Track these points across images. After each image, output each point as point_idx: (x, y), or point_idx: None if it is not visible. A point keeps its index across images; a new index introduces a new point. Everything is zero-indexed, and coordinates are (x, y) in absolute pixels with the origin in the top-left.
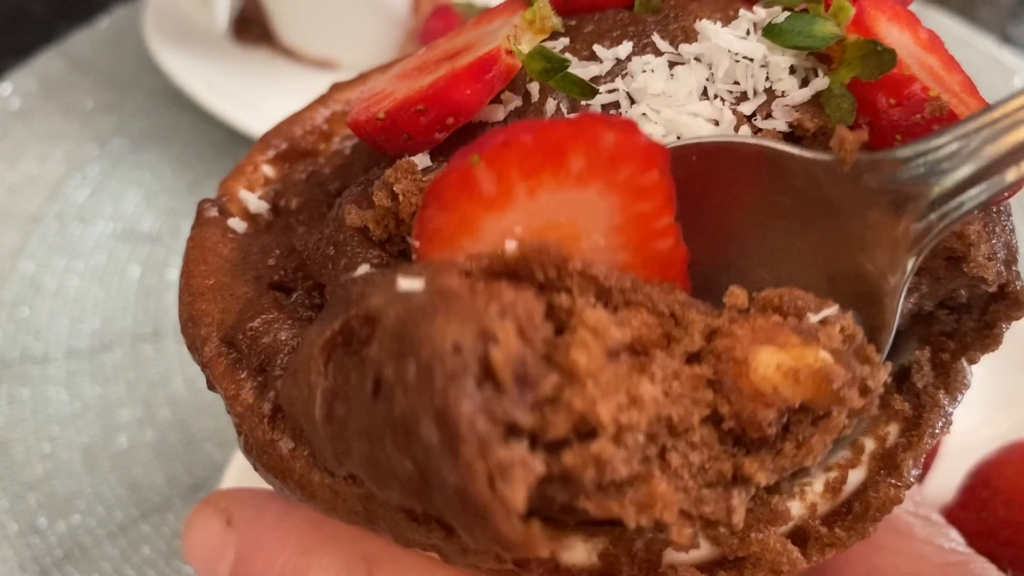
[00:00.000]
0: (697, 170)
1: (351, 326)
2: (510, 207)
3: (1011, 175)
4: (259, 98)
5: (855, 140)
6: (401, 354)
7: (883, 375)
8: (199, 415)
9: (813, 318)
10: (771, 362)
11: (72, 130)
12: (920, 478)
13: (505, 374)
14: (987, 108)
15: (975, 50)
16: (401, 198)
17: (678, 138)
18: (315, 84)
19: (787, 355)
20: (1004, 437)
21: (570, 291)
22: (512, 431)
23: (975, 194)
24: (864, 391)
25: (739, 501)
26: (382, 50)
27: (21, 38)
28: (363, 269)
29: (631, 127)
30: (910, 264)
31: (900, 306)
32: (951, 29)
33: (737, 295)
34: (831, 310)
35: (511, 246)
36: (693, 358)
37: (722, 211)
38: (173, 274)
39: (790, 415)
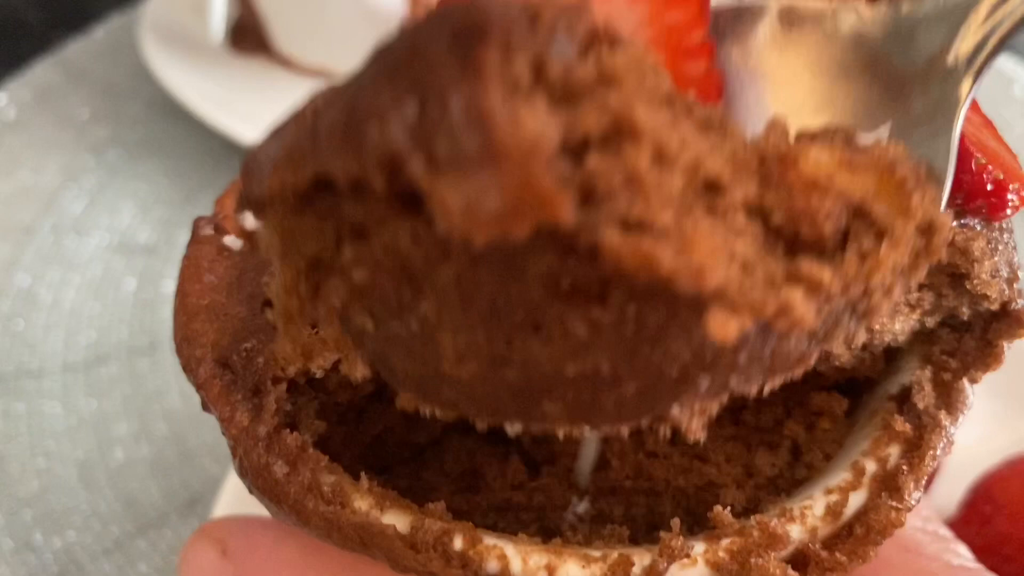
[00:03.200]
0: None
1: None
2: None
3: None
4: (256, 108)
5: None
6: None
7: (949, 221)
8: (195, 429)
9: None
10: (822, 154)
11: (67, 141)
12: (925, 488)
13: (547, 15)
14: None
15: None
16: None
17: None
18: None
19: (840, 150)
20: (1006, 451)
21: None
22: (539, 75)
23: None
24: (927, 230)
25: (801, 299)
26: None
27: (16, 48)
28: None
29: None
30: (965, 89)
31: (955, 148)
32: None
33: (778, 123)
34: (881, 138)
35: None
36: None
37: (751, 68)
38: (169, 286)
39: (849, 222)
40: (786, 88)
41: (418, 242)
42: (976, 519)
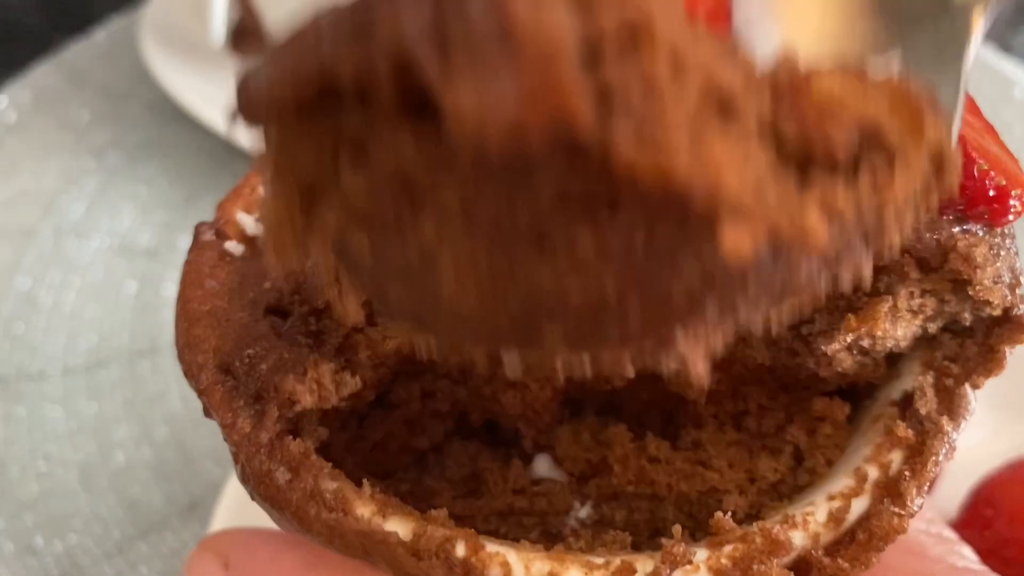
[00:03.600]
0: None
1: None
2: None
3: None
4: None
5: None
6: None
7: (959, 158)
8: (197, 432)
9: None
10: (834, 80)
11: (68, 143)
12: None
13: None
14: None
15: (974, 60)
16: None
17: None
18: None
19: (851, 78)
20: (1007, 454)
21: None
22: None
23: None
24: (938, 158)
25: (815, 216)
26: None
27: (16, 50)
28: None
29: None
30: (975, 22)
31: (965, 85)
32: None
33: (788, 54)
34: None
35: None
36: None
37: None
38: (170, 289)
39: (861, 146)
40: (795, 21)
41: (422, 154)
42: (977, 522)
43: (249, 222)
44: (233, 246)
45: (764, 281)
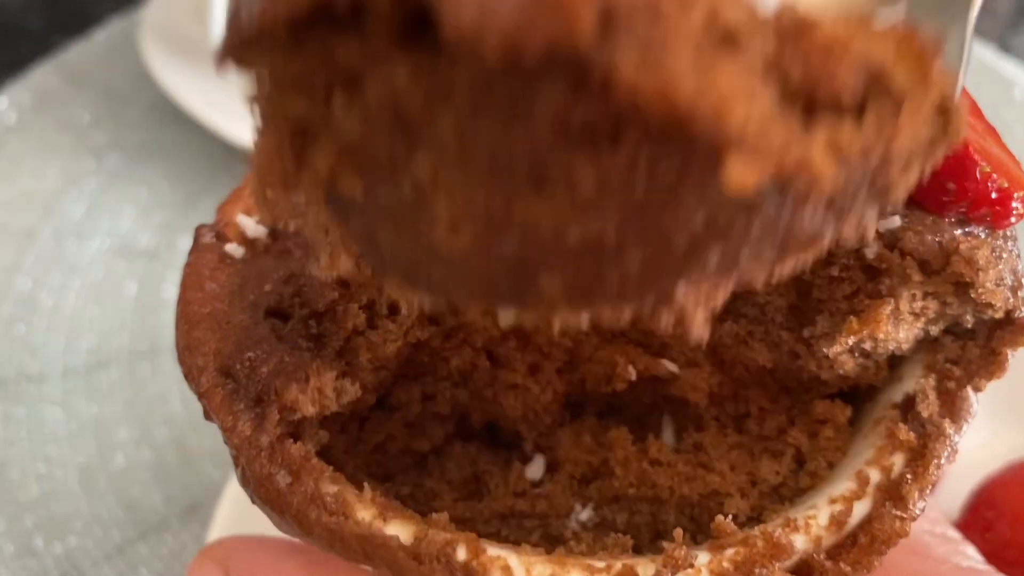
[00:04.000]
0: None
1: None
2: None
3: None
4: None
5: None
6: None
7: (965, 110)
8: (197, 434)
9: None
10: (839, 25)
11: (68, 144)
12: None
13: None
14: None
15: (973, 60)
16: None
17: None
18: None
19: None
20: (1008, 456)
21: None
22: None
23: None
24: (944, 109)
25: (821, 153)
26: None
27: (16, 51)
28: None
29: None
30: None
31: (970, 37)
32: None
33: (790, 4)
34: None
35: None
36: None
37: None
38: (170, 291)
39: (867, 90)
40: None
41: (418, 84)
42: (978, 524)
43: (250, 224)
44: (233, 248)
45: (767, 225)
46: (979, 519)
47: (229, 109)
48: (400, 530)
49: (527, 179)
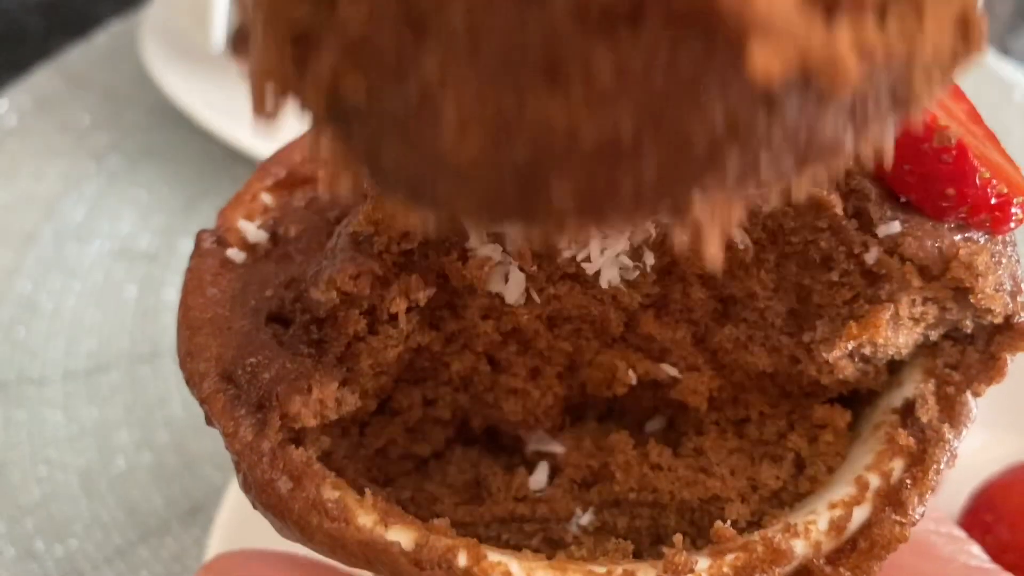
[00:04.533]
0: None
1: None
2: None
3: None
4: None
5: None
6: None
7: (984, 24)
8: (197, 437)
9: None
10: None
11: (68, 147)
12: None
13: None
14: None
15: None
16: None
17: None
18: None
19: None
20: (1008, 459)
21: None
22: None
23: None
24: (965, 21)
25: (846, 47)
26: None
27: (17, 54)
28: None
29: None
30: None
31: None
32: None
33: None
34: None
35: None
36: None
37: None
38: (170, 294)
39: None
40: None
41: None
42: (977, 527)
43: (251, 229)
44: (234, 253)
45: (787, 128)
46: (978, 522)
47: (229, 111)
48: (401, 536)
49: (541, 71)
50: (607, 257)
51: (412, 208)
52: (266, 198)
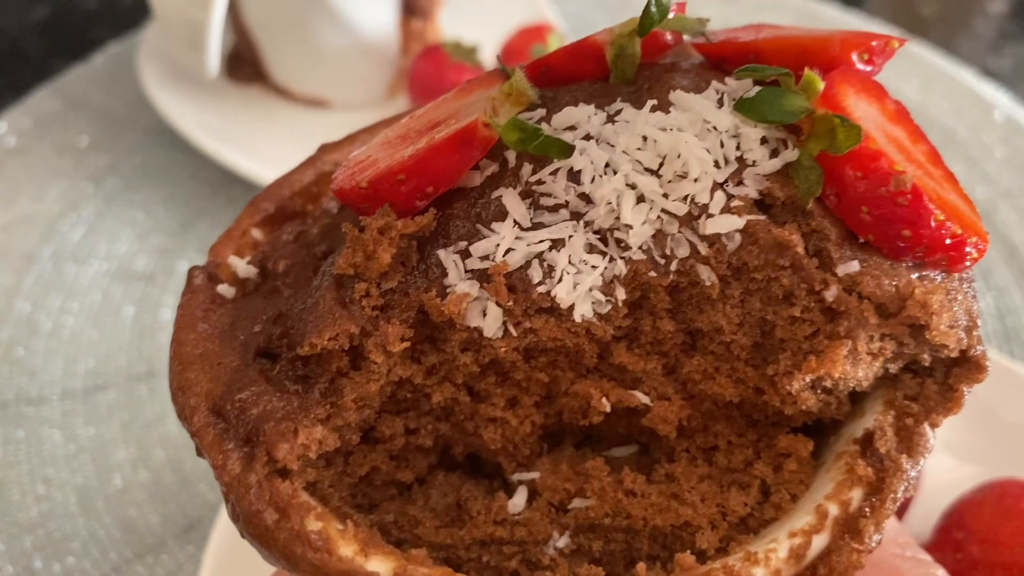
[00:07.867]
0: None
1: None
2: None
3: None
4: (252, 137)
5: None
6: None
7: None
8: (193, 455)
9: None
10: None
11: (67, 169)
12: (899, 517)
13: None
14: None
15: (955, 83)
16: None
17: None
18: (307, 123)
19: None
20: (979, 478)
21: None
22: None
23: None
24: None
25: None
26: (372, 89)
27: (16, 76)
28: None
29: None
30: None
31: None
32: (931, 61)
33: None
34: None
35: None
36: None
37: None
38: (167, 314)
39: None
40: None
41: None
42: (949, 545)
43: (240, 265)
44: (225, 289)
45: None
46: (949, 540)
47: (225, 134)
48: (380, 565)
49: None
50: (580, 292)
51: None
52: (256, 233)
